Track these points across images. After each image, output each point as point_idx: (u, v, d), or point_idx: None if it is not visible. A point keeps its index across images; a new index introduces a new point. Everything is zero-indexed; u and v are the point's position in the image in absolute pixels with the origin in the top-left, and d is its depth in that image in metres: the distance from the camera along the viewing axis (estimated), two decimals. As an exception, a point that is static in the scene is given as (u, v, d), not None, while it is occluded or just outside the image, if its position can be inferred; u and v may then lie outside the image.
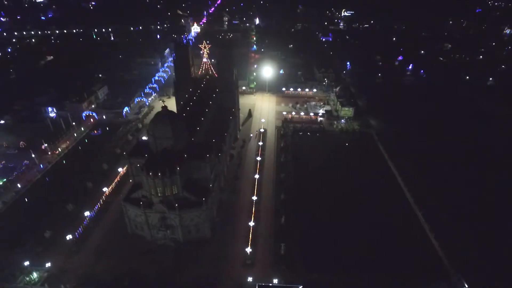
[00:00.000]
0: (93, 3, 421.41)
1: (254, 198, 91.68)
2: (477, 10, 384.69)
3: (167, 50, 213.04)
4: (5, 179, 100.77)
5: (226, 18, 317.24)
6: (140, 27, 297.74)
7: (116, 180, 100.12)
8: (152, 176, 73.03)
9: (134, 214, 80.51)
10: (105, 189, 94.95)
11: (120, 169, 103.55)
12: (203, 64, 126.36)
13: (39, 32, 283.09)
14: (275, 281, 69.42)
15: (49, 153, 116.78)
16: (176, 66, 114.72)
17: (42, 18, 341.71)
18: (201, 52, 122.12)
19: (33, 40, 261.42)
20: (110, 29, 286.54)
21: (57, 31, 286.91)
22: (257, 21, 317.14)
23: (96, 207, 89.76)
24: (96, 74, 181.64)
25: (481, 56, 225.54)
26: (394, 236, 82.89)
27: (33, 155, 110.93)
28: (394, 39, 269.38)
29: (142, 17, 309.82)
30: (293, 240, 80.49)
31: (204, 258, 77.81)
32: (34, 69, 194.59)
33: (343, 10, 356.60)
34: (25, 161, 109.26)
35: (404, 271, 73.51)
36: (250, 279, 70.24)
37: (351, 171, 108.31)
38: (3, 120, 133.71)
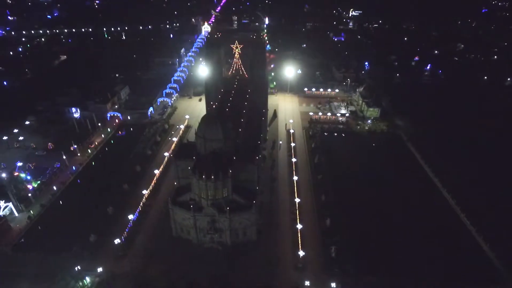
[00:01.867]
0: (97, 1, 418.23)
1: (297, 200, 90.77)
2: (483, 10, 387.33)
3: (183, 50, 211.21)
4: (39, 181, 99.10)
5: (235, 18, 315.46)
6: (149, 26, 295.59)
7: (153, 183, 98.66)
8: (205, 179, 71.92)
9: (181, 218, 79.35)
10: (144, 191, 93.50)
11: (156, 171, 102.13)
12: (233, 65, 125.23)
13: (47, 31, 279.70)
14: (333, 285, 68.73)
15: (79, 154, 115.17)
16: (208, 67, 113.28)
17: (48, 17, 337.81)
18: (233, 52, 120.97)
19: (43, 39, 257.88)
20: (119, 28, 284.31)
21: (66, 30, 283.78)
22: (266, 20, 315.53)
23: (138, 210, 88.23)
24: (113, 74, 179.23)
25: (495, 56, 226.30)
26: (439, 238, 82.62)
27: (64, 157, 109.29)
28: (405, 39, 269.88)
29: (148, 16, 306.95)
30: (342, 242, 79.76)
31: (254, 261, 76.92)
32: (49, 69, 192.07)
33: (351, 10, 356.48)
34: (57, 163, 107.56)
35: (456, 274, 73.32)
36: (307, 283, 69.48)
37: (385, 172, 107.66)
38: (28, 121, 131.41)
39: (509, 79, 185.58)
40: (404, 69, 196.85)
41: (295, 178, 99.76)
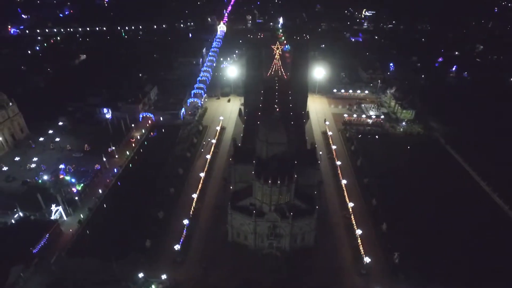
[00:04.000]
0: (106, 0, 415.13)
1: (351, 204, 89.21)
2: (495, 10, 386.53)
3: (204, 50, 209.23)
4: (82, 184, 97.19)
5: (249, 17, 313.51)
6: (163, 26, 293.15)
7: (199, 186, 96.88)
8: (270, 183, 70.20)
9: (239, 223, 77.68)
10: (194, 195, 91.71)
11: (201, 174, 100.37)
12: (273, 65, 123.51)
13: (62, 30, 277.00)
14: (404, 292, 67.42)
15: (116, 156, 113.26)
16: (248, 67, 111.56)
17: (60, 15, 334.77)
18: (273, 53, 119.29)
19: (58, 38, 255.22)
20: (133, 27, 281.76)
21: (80, 29, 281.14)
22: (280, 20, 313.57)
23: (190, 215, 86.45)
24: (137, 74, 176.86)
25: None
26: (497, 244, 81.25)
27: (104, 159, 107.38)
28: (422, 40, 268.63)
29: (160, 15, 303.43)
30: (403, 248, 78.16)
31: (316, 267, 75.42)
32: (71, 68, 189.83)
33: (364, 10, 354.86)
34: (97, 165, 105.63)
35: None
36: (380, 291, 68.18)
37: (429, 175, 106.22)
38: (61, 121, 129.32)
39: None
40: (428, 71, 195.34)
41: (344, 181, 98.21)
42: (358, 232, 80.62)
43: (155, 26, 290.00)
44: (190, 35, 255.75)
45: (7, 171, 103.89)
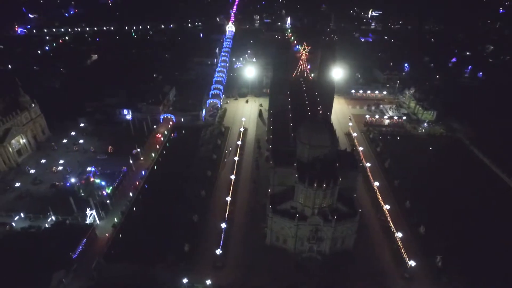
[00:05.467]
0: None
1: (387, 206, 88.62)
2: (500, 11, 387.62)
3: (217, 50, 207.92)
4: (111, 187, 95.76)
5: (257, 17, 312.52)
6: (171, 25, 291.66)
7: (231, 189, 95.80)
8: (315, 187, 69.29)
9: (280, 226, 76.73)
10: (227, 198, 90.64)
11: (232, 177, 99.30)
12: (299, 66, 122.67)
13: (69, 30, 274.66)
14: (453, 297, 66.76)
15: (142, 158, 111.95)
16: (274, 68, 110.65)
17: (65, 15, 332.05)
18: (299, 54, 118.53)
19: (66, 38, 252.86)
20: (140, 27, 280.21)
21: (87, 29, 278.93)
22: (288, 20, 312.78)
23: (225, 218, 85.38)
24: (152, 74, 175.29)
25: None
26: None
27: (131, 161, 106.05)
28: (432, 40, 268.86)
29: (166, 15, 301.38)
30: (444, 251, 77.55)
31: (358, 271, 74.58)
32: (84, 69, 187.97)
33: (370, 10, 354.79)
34: (123, 167, 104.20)
35: None
36: (426, 294, 67.50)
37: (457, 176, 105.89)
38: (81, 123, 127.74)
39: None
40: (442, 71, 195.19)
41: (376, 184, 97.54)
42: (399, 235, 79.90)
43: (162, 26, 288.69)
44: (201, 35, 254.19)
45: (34, 174, 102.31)
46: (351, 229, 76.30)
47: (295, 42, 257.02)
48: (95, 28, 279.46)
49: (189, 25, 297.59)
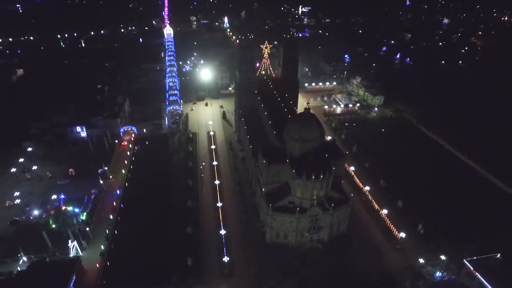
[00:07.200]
0: (18, 5, 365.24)
1: (367, 188, 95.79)
2: (407, 3, 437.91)
3: (162, 54, 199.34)
4: (85, 213, 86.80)
5: (193, 18, 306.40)
6: (102, 32, 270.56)
7: (218, 194, 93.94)
8: (313, 179, 71.92)
9: (280, 223, 77.96)
10: (219, 204, 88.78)
11: (216, 182, 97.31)
12: (262, 65, 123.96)
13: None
14: (442, 257, 75.39)
15: (111, 177, 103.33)
16: (240, 68, 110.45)
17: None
18: (262, 52, 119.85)
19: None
20: (66, 35, 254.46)
21: (0, 40, 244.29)
22: (226, 19, 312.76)
23: (221, 224, 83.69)
24: (94, 85, 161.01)
25: (440, 43, 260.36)
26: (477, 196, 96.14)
27: (101, 181, 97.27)
28: (360, 32, 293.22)
29: (90, 20, 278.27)
30: (423, 220, 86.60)
31: (356, 251, 79.50)
32: (11, 86, 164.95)
33: (300, 6, 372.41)
34: (93, 189, 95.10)
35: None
36: (421, 260, 74.98)
37: (414, 152, 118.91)
38: (27, 147, 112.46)
39: (460, 62, 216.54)
40: (376, 59, 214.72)
41: (352, 168, 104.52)
42: (384, 211, 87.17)
43: (92, 33, 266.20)
44: (141, 40, 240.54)
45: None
46: (344, 214, 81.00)
47: (237, 41, 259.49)
48: (10, 39, 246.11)
49: (122, 30, 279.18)
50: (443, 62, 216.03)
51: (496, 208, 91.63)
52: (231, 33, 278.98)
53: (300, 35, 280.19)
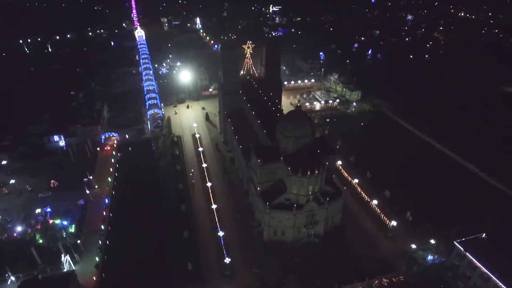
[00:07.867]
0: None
1: (356, 180, 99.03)
2: (372, 1, 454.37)
3: (137, 57, 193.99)
4: (73, 225, 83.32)
5: (164, 19, 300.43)
6: (68, 36, 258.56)
7: (211, 196, 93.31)
8: (309, 175, 73.44)
9: (278, 220, 78.90)
10: (214, 206, 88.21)
11: (208, 184, 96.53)
12: (245, 65, 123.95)
13: None
14: (432, 241, 79.70)
15: (96, 186, 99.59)
16: (224, 69, 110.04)
17: None
18: (244, 53, 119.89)
19: None
20: (29, 40, 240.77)
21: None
22: (198, 20, 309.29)
23: (218, 226, 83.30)
24: (68, 92, 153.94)
25: (406, 39, 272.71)
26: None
27: (87, 191, 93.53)
28: (331, 29, 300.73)
29: (53, 24, 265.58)
30: (410, 207, 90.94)
31: (350, 242, 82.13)
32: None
33: (271, 5, 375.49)
34: (79, 200, 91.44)
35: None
36: (413, 245, 78.73)
37: (394, 142, 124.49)
38: (2, 160, 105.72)
39: (427, 56, 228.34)
40: (349, 56, 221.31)
41: (339, 162, 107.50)
42: (374, 202, 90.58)
43: (58, 37, 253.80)
44: (113, 43, 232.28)
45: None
46: (338, 207, 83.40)
47: (211, 42, 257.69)
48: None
49: (90, 33, 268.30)
50: (411, 56, 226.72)
51: (473, 192, 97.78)
52: (204, 34, 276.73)
53: (274, 34, 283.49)
